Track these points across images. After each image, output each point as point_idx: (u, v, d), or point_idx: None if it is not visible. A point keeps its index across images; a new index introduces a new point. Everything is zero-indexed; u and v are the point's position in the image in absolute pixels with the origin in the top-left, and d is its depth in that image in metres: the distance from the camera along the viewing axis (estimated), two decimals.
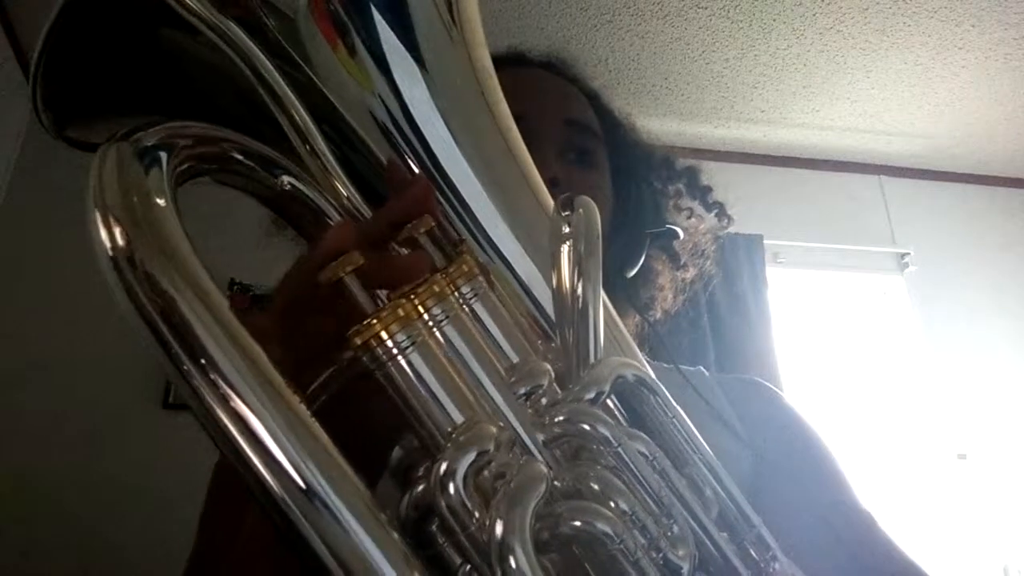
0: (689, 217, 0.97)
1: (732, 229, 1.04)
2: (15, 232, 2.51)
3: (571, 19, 2.58)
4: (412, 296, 0.36)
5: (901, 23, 2.60)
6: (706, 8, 2.54)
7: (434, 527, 0.33)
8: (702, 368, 0.93)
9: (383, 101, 0.46)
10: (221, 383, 0.28)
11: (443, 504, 0.31)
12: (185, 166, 0.37)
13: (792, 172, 3.33)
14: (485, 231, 0.48)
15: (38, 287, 2.46)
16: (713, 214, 1.00)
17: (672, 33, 2.65)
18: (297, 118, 0.44)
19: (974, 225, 3.39)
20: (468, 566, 0.32)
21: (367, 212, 0.47)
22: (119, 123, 0.36)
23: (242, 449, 0.28)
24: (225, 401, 0.28)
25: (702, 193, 0.99)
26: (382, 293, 0.38)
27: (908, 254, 3.22)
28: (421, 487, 0.33)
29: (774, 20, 2.59)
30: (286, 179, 0.44)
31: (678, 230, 0.89)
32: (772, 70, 2.83)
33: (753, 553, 0.43)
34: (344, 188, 0.46)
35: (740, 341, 2.83)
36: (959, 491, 2.92)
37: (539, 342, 0.45)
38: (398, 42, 0.47)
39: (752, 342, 2.85)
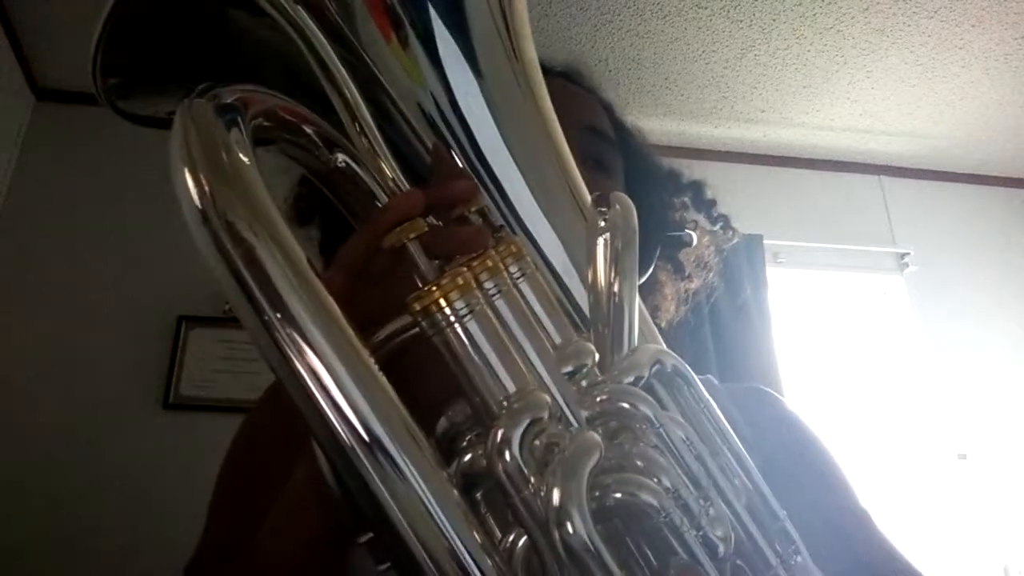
0: (695, 229, 0.98)
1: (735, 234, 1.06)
2: (15, 232, 2.50)
3: (571, 19, 2.59)
4: (467, 268, 0.36)
5: (901, 23, 2.60)
6: (706, 8, 2.55)
7: (479, 496, 0.34)
8: (710, 376, 0.94)
9: (432, 92, 0.47)
10: (297, 335, 0.29)
11: (500, 468, 0.31)
12: (258, 123, 0.37)
13: (792, 172, 3.33)
14: (523, 223, 0.49)
15: (38, 287, 2.46)
16: (718, 227, 1.02)
17: (672, 33, 2.66)
18: (350, 98, 0.45)
19: (974, 225, 3.39)
20: (512, 536, 0.32)
21: None
22: (170, 95, 0.37)
23: (315, 397, 0.29)
24: (301, 353, 0.29)
25: (707, 206, 1.02)
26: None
27: (908, 254, 3.22)
28: (468, 456, 0.34)
29: (774, 20, 2.60)
30: (341, 156, 0.45)
31: (692, 234, 0.90)
32: (772, 70, 2.84)
33: (777, 545, 0.44)
34: (390, 169, 0.46)
35: (740, 341, 2.83)
36: (959, 491, 2.92)
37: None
38: (449, 34, 0.47)
39: (752, 342, 2.85)
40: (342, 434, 0.28)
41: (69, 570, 2.12)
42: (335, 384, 0.28)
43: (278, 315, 0.29)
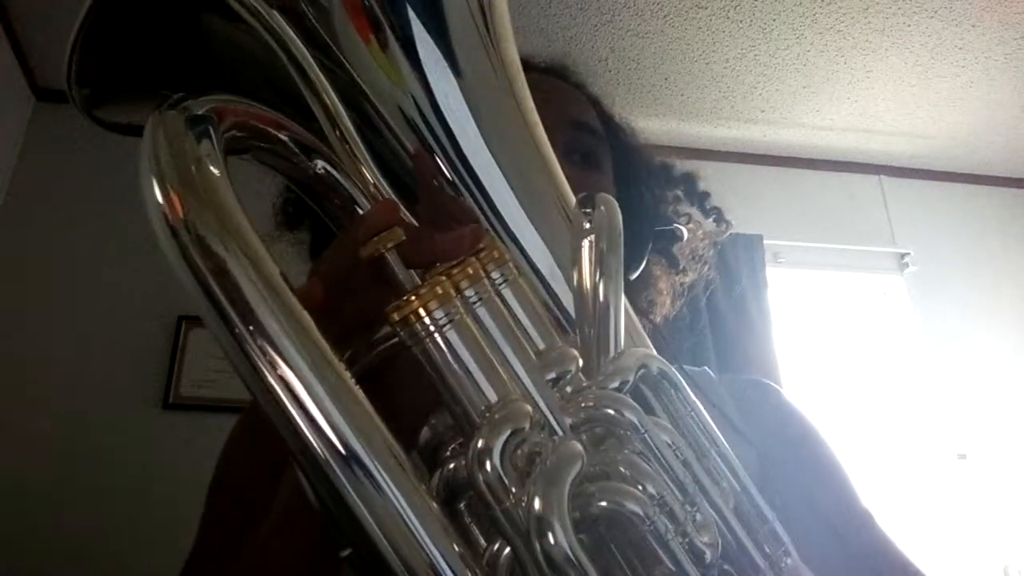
0: (687, 223, 0.98)
1: (732, 229, 1.05)
2: (15, 232, 2.50)
3: (571, 19, 2.59)
4: (447, 276, 0.36)
5: (901, 23, 2.60)
6: (706, 8, 2.54)
7: (462, 506, 0.33)
8: (707, 369, 0.94)
9: (412, 95, 0.47)
10: (270, 349, 0.29)
11: (480, 479, 0.31)
12: (231, 134, 0.37)
13: (792, 172, 3.33)
14: (507, 226, 0.49)
15: (38, 287, 2.46)
16: (711, 219, 1.02)
17: (672, 33, 2.66)
18: (330, 104, 0.45)
19: (974, 225, 3.39)
20: (496, 545, 0.32)
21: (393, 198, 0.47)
22: (147, 104, 0.37)
23: (289, 412, 0.29)
24: (273, 366, 0.29)
25: (700, 199, 1.01)
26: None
27: (908, 254, 3.21)
28: (452, 465, 0.34)
29: (774, 20, 2.60)
30: (320, 163, 0.45)
31: (683, 229, 0.90)
32: (772, 70, 2.84)
33: (767, 548, 0.44)
34: (371, 175, 0.46)
35: (740, 341, 2.82)
36: (959, 491, 2.92)
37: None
38: (428, 36, 0.47)
39: (752, 342, 2.84)
40: (316, 448, 0.28)
41: (69, 570, 2.13)
42: (309, 397, 0.28)
43: (249, 328, 0.29)
